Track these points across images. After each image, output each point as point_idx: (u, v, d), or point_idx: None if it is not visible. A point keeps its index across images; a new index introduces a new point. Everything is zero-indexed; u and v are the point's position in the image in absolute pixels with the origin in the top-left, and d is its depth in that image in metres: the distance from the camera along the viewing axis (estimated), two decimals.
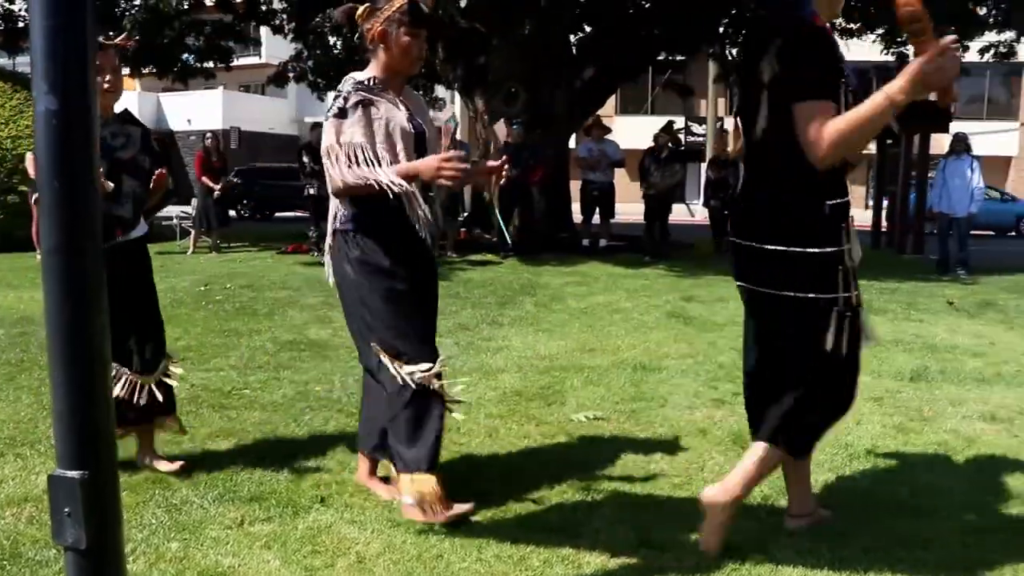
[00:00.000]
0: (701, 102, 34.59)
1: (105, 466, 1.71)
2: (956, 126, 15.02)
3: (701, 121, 35.19)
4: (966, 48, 14.75)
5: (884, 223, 17.44)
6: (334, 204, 3.24)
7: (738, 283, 3.04)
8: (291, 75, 16.93)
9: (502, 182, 3.31)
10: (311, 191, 13.00)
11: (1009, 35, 14.62)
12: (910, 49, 15.32)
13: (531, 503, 3.29)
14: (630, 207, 22.92)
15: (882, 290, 9.86)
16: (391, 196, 3.03)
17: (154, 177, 3.53)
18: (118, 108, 3.55)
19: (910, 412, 4.66)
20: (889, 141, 16.91)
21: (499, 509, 3.21)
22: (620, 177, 19.81)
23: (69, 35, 1.61)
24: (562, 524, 3.08)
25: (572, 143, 15.40)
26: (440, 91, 21.75)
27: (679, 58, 18.16)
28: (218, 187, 13.36)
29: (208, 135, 14.16)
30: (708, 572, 2.73)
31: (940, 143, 14.20)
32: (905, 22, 2.60)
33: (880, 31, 15.37)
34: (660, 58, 17.61)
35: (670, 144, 13.19)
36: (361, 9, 3.21)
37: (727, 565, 2.77)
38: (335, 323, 6.91)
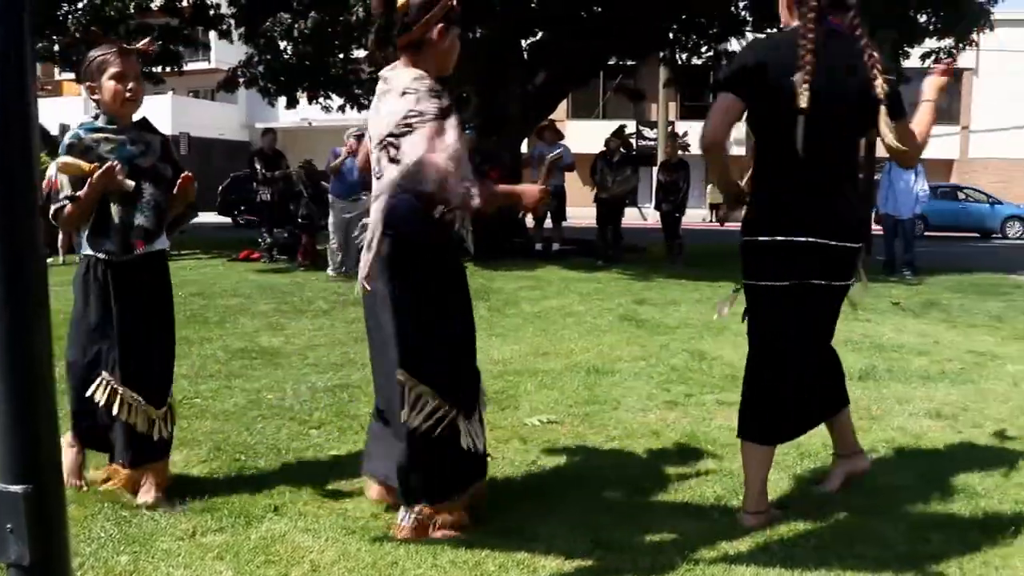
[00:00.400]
0: (652, 106, 34.84)
1: (49, 479, 1.67)
2: None
3: (652, 125, 35.44)
4: (907, 55, 15.05)
5: None
6: (376, 217, 3.04)
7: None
8: (241, 80, 16.72)
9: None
10: (264, 197, 12.90)
11: (948, 42, 14.93)
12: None
13: (492, 510, 3.27)
14: (583, 211, 23.04)
15: None
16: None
17: (179, 180, 3.31)
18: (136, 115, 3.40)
19: (859, 411, 4.72)
20: None
21: None
22: (572, 181, 19.85)
23: (6, 37, 1.58)
24: (517, 528, 3.08)
25: (525, 147, 15.43)
26: None
27: (630, 62, 18.30)
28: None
29: None
30: (663, 572, 2.75)
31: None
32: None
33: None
34: (611, 62, 17.73)
35: (622, 148, 13.27)
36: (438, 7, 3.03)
37: (681, 565, 2.79)
38: (287, 330, 6.86)
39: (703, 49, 17.27)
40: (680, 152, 13.23)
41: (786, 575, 2.73)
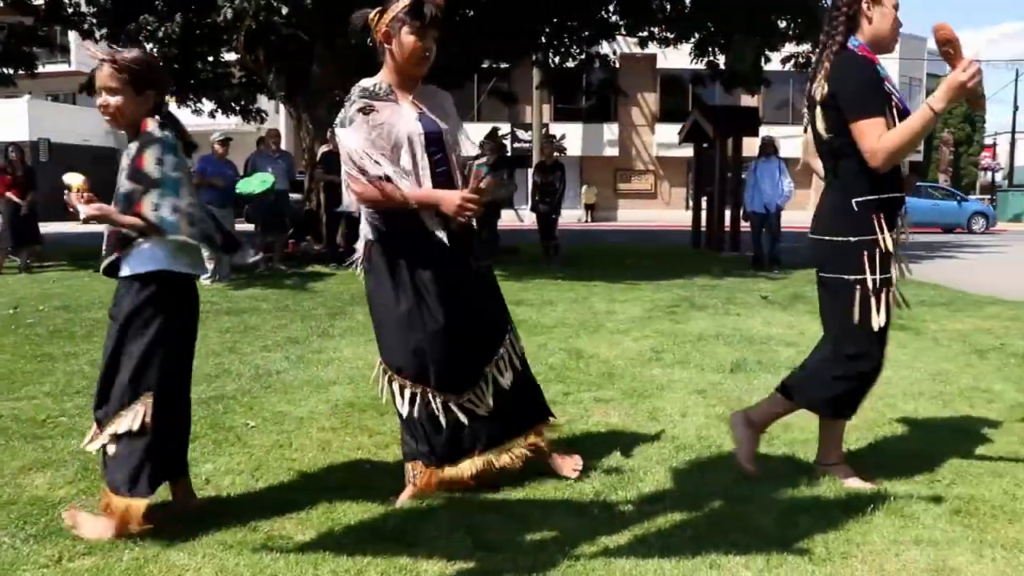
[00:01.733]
0: (526, 108, 35.21)
1: None
2: (765, 130, 15.89)
3: (527, 127, 35.81)
4: (768, 59, 15.64)
5: (703, 223, 18.21)
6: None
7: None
8: None
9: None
10: None
11: (806, 47, 15.58)
12: (720, 58, 16.16)
13: (366, 514, 3.26)
14: None
15: (703, 286, 10.32)
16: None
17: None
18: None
19: (731, 402, 4.89)
20: (705, 144, 17.70)
21: (334, 522, 3.17)
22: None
23: None
24: (398, 533, 3.07)
25: None
26: (263, 100, 21.22)
27: (503, 66, 18.45)
28: (25, 202, 12.60)
29: (11, 148, 13.29)
30: (543, 570, 2.78)
31: (750, 146, 14.96)
32: (940, 44, 3.18)
33: (693, 41, 16.04)
34: (485, 66, 17.82)
35: (495, 151, 13.35)
36: (373, 13, 3.23)
37: (562, 562, 2.82)
38: None
39: (575, 52, 17.54)
40: (556, 154, 13.40)
41: (665, 565, 2.80)
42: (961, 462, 3.85)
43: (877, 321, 3.37)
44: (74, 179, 3.07)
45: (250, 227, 12.93)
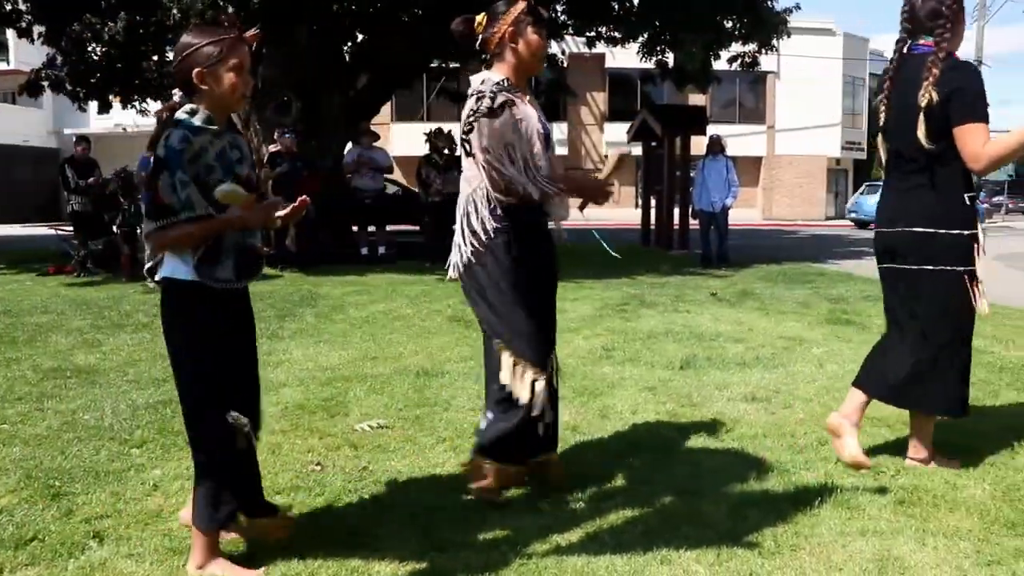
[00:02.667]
0: None
1: None
2: (712, 129, 16.05)
3: None
4: (717, 57, 15.81)
5: (652, 221, 18.34)
6: (469, 204, 3.36)
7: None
8: (45, 83, 15.72)
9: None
10: (75, 207, 12.27)
11: (753, 47, 15.76)
12: (669, 56, 16.29)
13: (318, 516, 3.24)
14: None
15: (652, 284, 10.41)
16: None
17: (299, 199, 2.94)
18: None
19: (681, 399, 4.94)
20: (653, 143, 17.83)
21: None
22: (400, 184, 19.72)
23: None
24: (350, 534, 3.06)
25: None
26: None
27: (453, 65, 18.40)
28: None
29: None
30: (496, 568, 2.79)
31: (699, 144, 15.10)
32: None
33: (641, 40, 16.14)
34: (434, 65, 17.76)
35: (445, 151, 13.31)
36: (481, 17, 3.41)
37: (514, 561, 2.83)
38: (104, 346, 6.54)
39: None
40: None
41: (616, 562, 2.82)
42: (904, 454, 3.92)
43: (984, 305, 3.58)
44: (235, 191, 2.78)
45: None
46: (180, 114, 2.76)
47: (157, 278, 2.82)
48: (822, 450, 3.99)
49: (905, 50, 3.61)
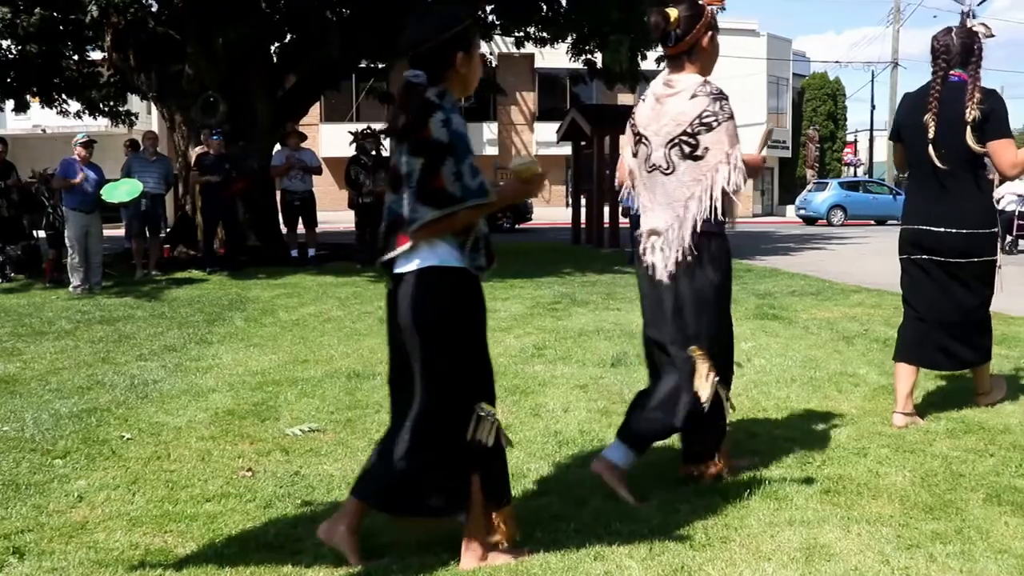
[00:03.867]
0: None
1: None
2: None
3: None
4: (644, 57, 15.95)
5: (583, 220, 18.48)
6: (690, 208, 3.43)
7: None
8: None
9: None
10: None
11: None
12: (597, 56, 16.38)
13: (249, 523, 3.20)
14: (341, 215, 22.80)
15: (584, 283, 10.48)
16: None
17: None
18: None
19: (612, 396, 4.99)
20: (583, 143, 17.96)
21: (215, 533, 3.10)
22: (329, 185, 19.60)
23: None
24: (282, 541, 3.03)
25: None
26: (135, 101, 20.51)
27: (382, 65, 18.29)
28: None
29: None
30: (431, 570, 2.79)
31: None
32: None
33: (569, 40, 16.23)
34: (363, 65, 17.64)
35: (374, 152, 13.22)
36: (675, 14, 3.39)
37: (450, 562, 2.83)
38: (25, 355, 6.36)
39: None
40: None
41: (550, 559, 2.83)
42: (830, 444, 4.03)
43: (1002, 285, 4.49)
44: (532, 164, 2.91)
45: (121, 232, 12.51)
46: (431, 96, 2.71)
47: (405, 269, 2.75)
48: (751, 443, 4.07)
49: (942, 79, 4.26)
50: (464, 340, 2.81)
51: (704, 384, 3.37)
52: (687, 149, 3.39)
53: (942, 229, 4.27)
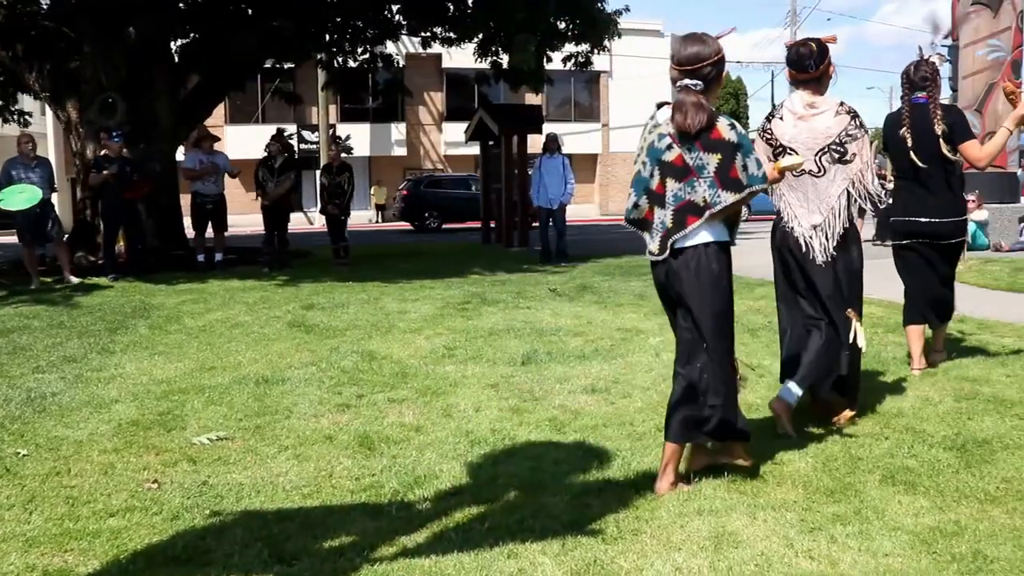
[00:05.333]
0: (312, 109, 34.61)
1: None
2: (548, 127, 16.33)
3: (313, 128, 35.21)
4: (550, 59, 16.08)
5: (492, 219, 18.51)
6: (841, 201, 4.25)
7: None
8: None
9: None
10: None
11: (585, 47, 16.10)
12: (504, 58, 16.44)
13: (155, 536, 3.11)
14: (247, 218, 22.43)
15: (494, 282, 10.50)
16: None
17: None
18: None
19: (523, 394, 5.02)
20: (491, 143, 17.99)
21: (120, 549, 3.01)
22: (235, 187, 19.26)
23: None
24: (190, 553, 2.96)
25: (180, 155, 14.73)
26: (27, 102, 19.77)
27: (287, 65, 18.03)
28: None
29: None
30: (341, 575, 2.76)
31: (536, 143, 15.32)
32: (1007, 93, 5.03)
33: (476, 41, 16.24)
34: (268, 65, 17.36)
35: (283, 153, 13.06)
36: (815, 46, 4.27)
37: (362, 566, 2.81)
38: None
39: (359, 52, 17.38)
40: (342, 155, 13.23)
41: (464, 559, 2.84)
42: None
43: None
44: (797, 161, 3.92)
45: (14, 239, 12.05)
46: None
47: (691, 243, 3.39)
48: (660, 436, 4.11)
49: (910, 101, 5.27)
50: (730, 294, 3.49)
51: (861, 336, 4.22)
52: (836, 155, 4.21)
53: (931, 219, 5.27)
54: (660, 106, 3.58)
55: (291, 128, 31.75)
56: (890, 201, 5.30)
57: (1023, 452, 3.84)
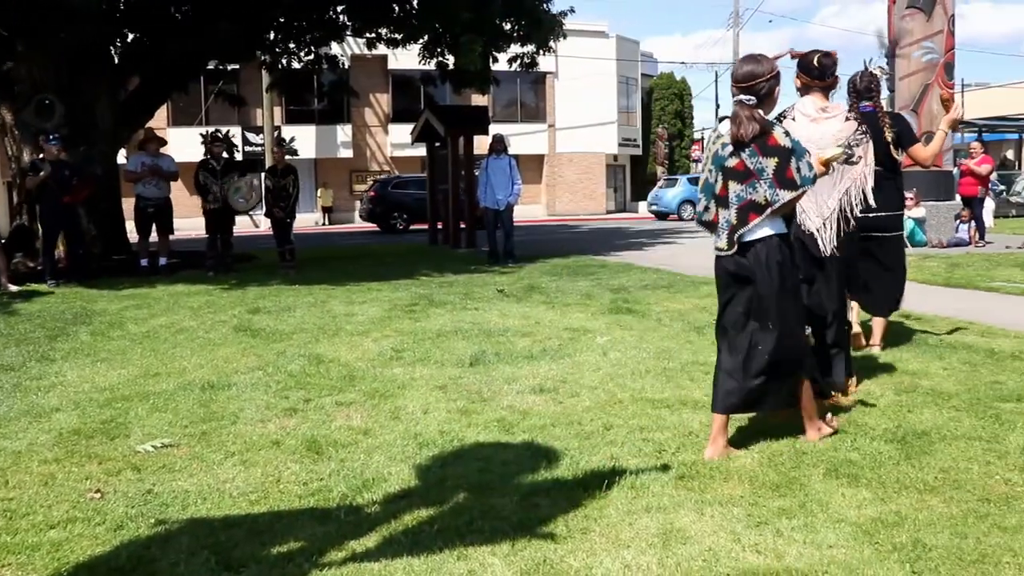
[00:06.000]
0: (256, 111, 34.27)
1: None
2: (495, 128, 16.34)
3: (258, 130, 34.85)
4: (495, 59, 16.10)
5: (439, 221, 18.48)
6: (847, 196, 4.75)
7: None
8: None
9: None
10: None
11: (531, 48, 16.15)
12: (450, 59, 16.43)
13: (99, 548, 3.06)
14: (192, 222, 22.10)
15: (441, 283, 10.48)
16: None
17: None
18: None
19: (471, 395, 5.01)
20: (437, 144, 17.96)
21: (61, 562, 2.94)
22: (178, 191, 19.02)
23: None
24: (134, 563, 2.90)
25: (122, 157, 14.47)
26: None
27: (231, 67, 17.84)
28: None
29: None
30: None
31: (482, 144, 15.33)
32: (944, 100, 5.57)
33: (422, 42, 16.20)
34: (211, 67, 17.15)
35: (224, 155, 12.89)
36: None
37: (311, 572, 2.79)
38: None
39: (303, 53, 17.25)
40: (287, 157, 13.10)
41: (413, 563, 2.83)
42: (684, 431, 4.18)
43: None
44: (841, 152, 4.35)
45: None
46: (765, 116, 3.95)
47: (755, 237, 3.85)
48: (608, 435, 4.16)
49: (858, 109, 5.57)
50: (796, 276, 4.00)
51: (854, 313, 5.49)
52: (844, 157, 4.51)
53: (878, 214, 5.54)
54: (722, 119, 4.00)
55: (235, 130, 31.44)
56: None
57: (960, 443, 3.94)
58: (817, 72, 4.68)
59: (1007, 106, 37.70)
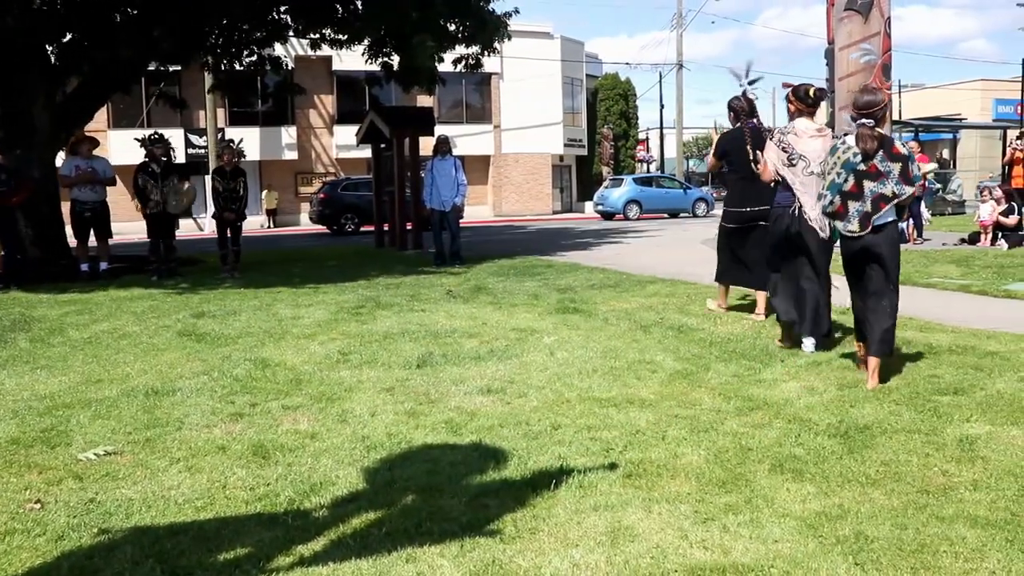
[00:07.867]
0: (200, 113, 33.81)
1: None
2: (440, 129, 16.30)
3: (201, 132, 34.38)
4: (441, 60, 16.07)
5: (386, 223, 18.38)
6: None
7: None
8: None
9: None
10: None
11: (476, 49, 16.15)
12: (395, 59, 16.37)
13: (38, 559, 3.00)
14: (134, 226, 21.74)
15: (387, 285, 10.44)
16: None
17: None
18: None
19: (419, 396, 5.01)
20: (382, 145, 17.86)
21: None
22: (120, 194, 18.67)
23: None
24: (78, 574, 2.86)
25: (60, 161, 14.18)
26: None
27: (172, 68, 17.55)
28: None
29: None
30: None
31: (428, 145, 15.28)
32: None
33: (367, 42, 16.11)
34: (152, 68, 16.85)
35: (163, 157, 12.64)
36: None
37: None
38: None
39: (246, 55, 17.05)
40: (236, 159, 12.90)
41: (362, 566, 2.82)
42: (631, 429, 4.21)
43: None
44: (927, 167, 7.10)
45: None
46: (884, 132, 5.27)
47: (883, 222, 5.07)
48: (556, 434, 4.19)
49: (747, 125, 7.20)
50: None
51: (837, 280, 5.89)
52: (820, 168, 5.54)
53: (762, 208, 6.69)
54: (845, 135, 5.25)
55: (178, 132, 30.99)
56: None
57: (900, 436, 4.03)
58: (811, 101, 6.01)
59: (942, 107, 38.68)
